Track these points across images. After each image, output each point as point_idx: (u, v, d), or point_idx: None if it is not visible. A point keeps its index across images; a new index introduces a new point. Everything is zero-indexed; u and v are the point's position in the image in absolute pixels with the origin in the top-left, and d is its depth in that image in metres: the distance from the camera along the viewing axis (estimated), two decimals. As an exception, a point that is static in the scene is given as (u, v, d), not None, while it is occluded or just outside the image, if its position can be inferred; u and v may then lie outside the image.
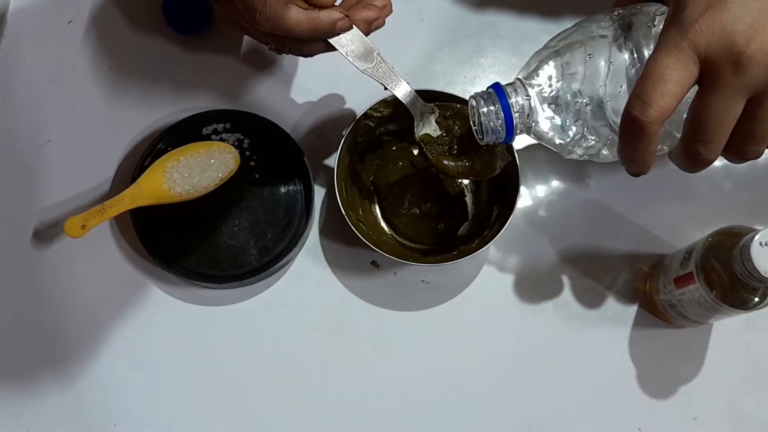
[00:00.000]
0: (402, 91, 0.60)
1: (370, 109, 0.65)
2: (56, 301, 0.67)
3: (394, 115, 0.66)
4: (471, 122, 0.57)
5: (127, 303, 0.67)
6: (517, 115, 0.55)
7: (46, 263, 0.67)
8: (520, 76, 0.56)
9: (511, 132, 0.56)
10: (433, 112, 0.62)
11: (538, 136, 0.57)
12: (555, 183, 0.70)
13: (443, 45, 0.74)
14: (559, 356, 0.67)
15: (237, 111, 0.69)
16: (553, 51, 0.55)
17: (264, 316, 0.67)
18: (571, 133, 0.55)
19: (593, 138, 0.54)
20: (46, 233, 0.68)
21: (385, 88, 0.60)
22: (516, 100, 0.55)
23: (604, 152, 0.55)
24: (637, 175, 0.51)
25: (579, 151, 0.56)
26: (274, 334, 0.67)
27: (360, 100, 0.70)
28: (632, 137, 0.47)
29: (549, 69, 0.54)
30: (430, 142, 0.62)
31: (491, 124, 0.56)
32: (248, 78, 0.72)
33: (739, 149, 0.49)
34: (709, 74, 0.46)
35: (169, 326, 0.67)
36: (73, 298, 0.67)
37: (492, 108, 0.55)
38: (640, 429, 0.65)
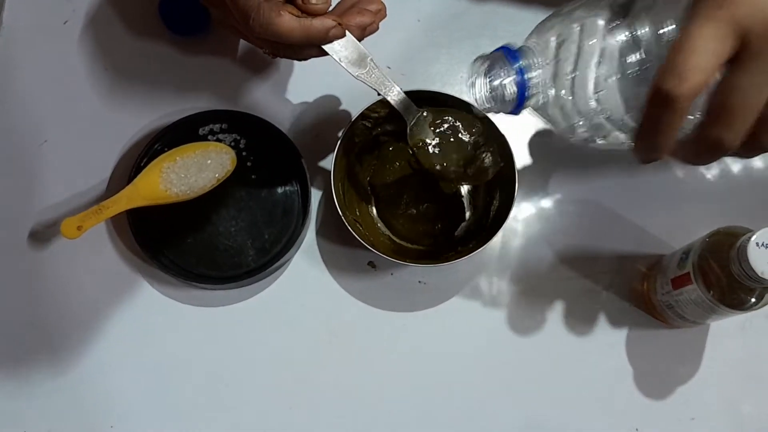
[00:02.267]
0: (395, 96, 0.60)
1: (367, 109, 0.65)
2: (53, 301, 0.67)
3: (391, 116, 0.66)
4: (470, 90, 0.52)
5: (124, 304, 0.67)
6: (530, 82, 0.49)
7: (42, 264, 0.67)
8: (530, 44, 0.50)
9: (521, 102, 0.50)
10: (426, 118, 0.62)
11: (543, 109, 0.51)
12: (553, 183, 0.70)
13: (441, 45, 0.74)
14: (557, 357, 0.67)
15: (233, 111, 0.69)
16: (566, 17, 0.49)
17: (261, 316, 0.67)
18: (582, 108, 0.49)
19: (605, 116, 0.49)
20: (43, 234, 0.68)
21: (378, 94, 0.60)
22: (530, 64, 0.49)
23: (615, 133, 0.50)
24: (649, 161, 0.47)
25: (584, 131, 0.50)
26: (272, 334, 0.67)
27: (357, 100, 0.70)
28: (659, 114, 0.43)
29: (563, 35, 0.48)
30: (422, 148, 0.62)
31: (498, 92, 0.50)
32: (245, 79, 0.72)
33: (757, 138, 0.44)
34: (748, 50, 0.41)
35: (166, 327, 0.67)
36: (69, 298, 0.67)
37: (502, 73, 0.49)
38: (637, 429, 0.65)
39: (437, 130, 0.62)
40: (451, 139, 0.62)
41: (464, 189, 0.69)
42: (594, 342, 0.67)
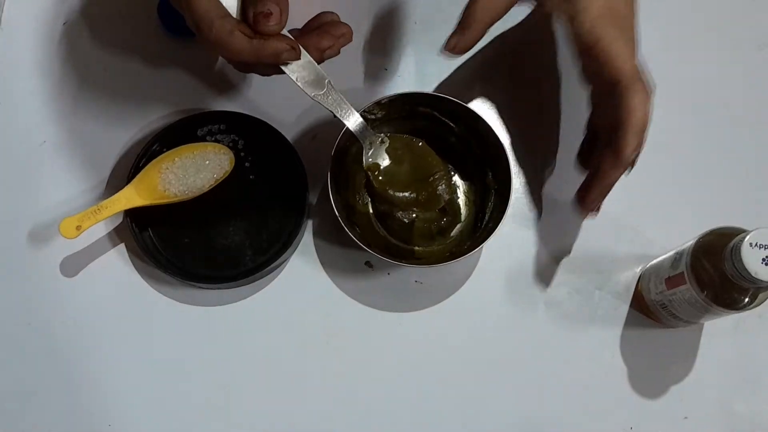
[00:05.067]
0: (352, 120, 0.61)
1: (365, 111, 0.65)
2: (52, 301, 0.67)
3: (388, 117, 0.67)
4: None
5: (123, 303, 0.67)
6: None
7: (41, 264, 0.67)
8: None
9: None
10: (383, 143, 0.63)
11: None
12: (547, 184, 0.71)
13: (437, 47, 0.74)
14: (551, 356, 0.67)
15: (232, 112, 0.69)
16: None
17: (258, 316, 0.67)
18: None
19: None
20: (42, 234, 0.68)
21: (334, 116, 0.60)
22: None
23: None
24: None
25: None
26: (269, 334, 0.67)
27: (355, 102, 0.70)
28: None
29: None
30: (377, 172, 0.63)
31: None
32: (243, 79, 0.72)
33: None
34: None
35: (164, 327, 0.67)
36: (67, 298, 0.67)
37: None
38: (631, 428, 0.66)
39: (393, 156, 0.64)
40: (405, 165, 0.64)
41: (460, 191, 0.70)
42: (588, 341, 0.67)
